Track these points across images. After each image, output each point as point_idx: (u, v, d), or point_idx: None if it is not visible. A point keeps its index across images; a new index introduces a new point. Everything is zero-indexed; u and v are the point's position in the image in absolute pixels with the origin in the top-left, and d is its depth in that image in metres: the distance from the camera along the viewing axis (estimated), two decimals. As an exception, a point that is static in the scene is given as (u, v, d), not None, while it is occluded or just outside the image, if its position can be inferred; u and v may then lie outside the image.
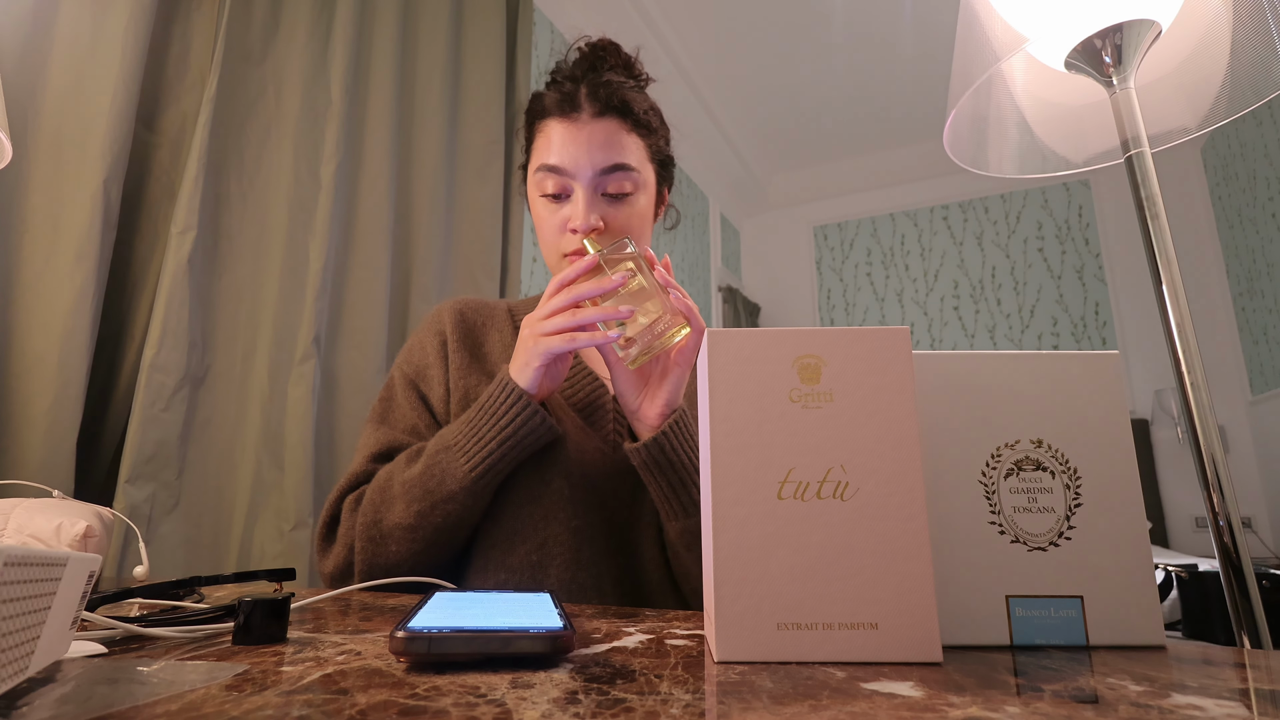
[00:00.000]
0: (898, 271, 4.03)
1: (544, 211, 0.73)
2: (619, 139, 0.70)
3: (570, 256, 0.71)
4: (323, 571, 0.68)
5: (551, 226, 0.72)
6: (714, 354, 0.34)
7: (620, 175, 0.70)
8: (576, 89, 0.71)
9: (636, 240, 0.72)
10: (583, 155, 0.69)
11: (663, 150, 0.77)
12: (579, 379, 0.75)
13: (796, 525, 0.32)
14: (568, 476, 0.66)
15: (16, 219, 0.96)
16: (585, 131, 0.70)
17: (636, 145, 0.72)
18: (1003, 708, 0.24)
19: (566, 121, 0.71)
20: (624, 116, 0.71)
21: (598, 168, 0.69)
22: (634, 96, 0.73)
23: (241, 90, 1.25)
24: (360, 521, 0.64)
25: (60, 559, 0.25)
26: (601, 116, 0.70)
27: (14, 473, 0.90)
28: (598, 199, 0.70)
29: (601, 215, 0.70)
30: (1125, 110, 0.66)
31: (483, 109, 1.73)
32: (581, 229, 0.69)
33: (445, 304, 0.80)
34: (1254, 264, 2.96)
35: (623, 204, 0.71)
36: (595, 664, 0.31)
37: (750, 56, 3.11)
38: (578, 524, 0.66)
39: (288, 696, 0.25)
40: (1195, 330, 0.60)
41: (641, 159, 0.73)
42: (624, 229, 0.71)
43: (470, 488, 0.61)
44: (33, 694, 0.25)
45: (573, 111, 0.71)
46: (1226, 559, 0.56)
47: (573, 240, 0.70)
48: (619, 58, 0.77)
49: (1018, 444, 0.37)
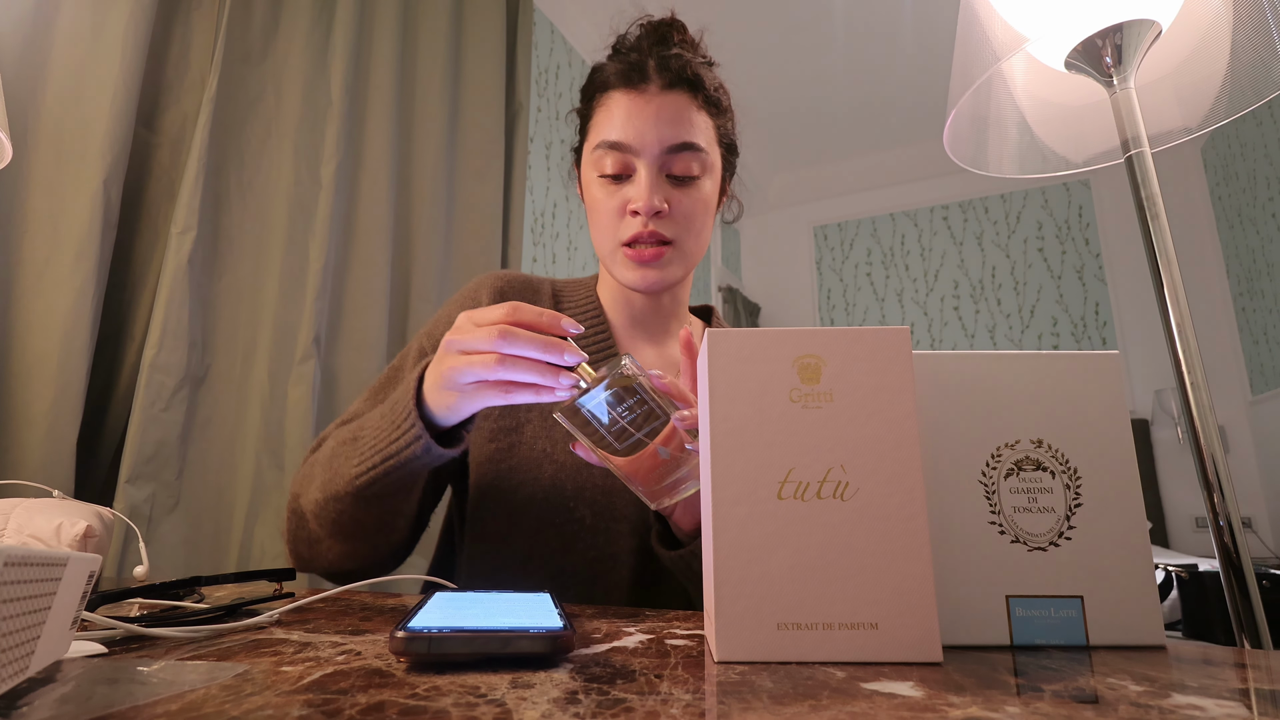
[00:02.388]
0: (898, 271, 4.03)
1: (600, 193, 0.66)
2: (689, 115, 0.64)
3: (625, 248, 0.64)
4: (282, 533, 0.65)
5: (609, 210, 0.65)
6: (714, 354, 0.34)
7: (688, 155, 0.64)
8: (644, 59, 0.65)
9: (699, 231, 0.66)
10: (649, 130, 0.63)
11: (730, 134, 0.70)
12: None
13: (796, 525, 0.32)
14: (592, 505, 0.63)
15: (16, 219, 0.96)
16: (654, 105, 0.63)
17: (706, 124, 0.66)
18: (1003, 708, 0.24)
19: (633, 93, 0.64)
20: (695, 91, 0.65)
21: (665, 144, 0.63)
22: (705, 72, 0.66)
23: (241, 90, 1.25)
24: (290, 491, 0.62)
25: (60, 559, 0.25)
26: (671, 89, 0.64)
27: (14, 473, 0.90)
28: (662, 180, 0.64)
29: (666, 198, 0.64)
30: (1125, 110, 0.66)
31: (483, 109, 1.73)
32: (644, 209, 0.63)
33: (486, 278, 0.74)
34: (1254, 264, 2.96)
35: (689, 188, 0.65)
36: (595, 664, 0.31)
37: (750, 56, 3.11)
38: (595, 555, 0.63)
39: (288, 696, 0.25)
40: (1195, 330, 0.60)
41: (710, 140, 0.66)
42: (689, 216, 0.65)
43: (355, 494, 0.54)
44: (33, 694, 0.25)
45: (641, 82, 0.64)
46: (1226, 559, 0.56)
47: (633, 225, 0.64)
48: (685, 35, 0.70)
49: (1018, 444, 0.37)
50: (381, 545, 0.60)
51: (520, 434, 0.66)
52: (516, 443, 0.66)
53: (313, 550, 0.60)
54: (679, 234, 0.65)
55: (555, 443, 0.65)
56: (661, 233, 0.64)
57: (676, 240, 0.65)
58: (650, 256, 0.65)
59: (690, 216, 0.65)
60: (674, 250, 0.66)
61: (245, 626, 0.39)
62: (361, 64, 1.47)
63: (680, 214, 0.64)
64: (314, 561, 0.61)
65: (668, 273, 0.66)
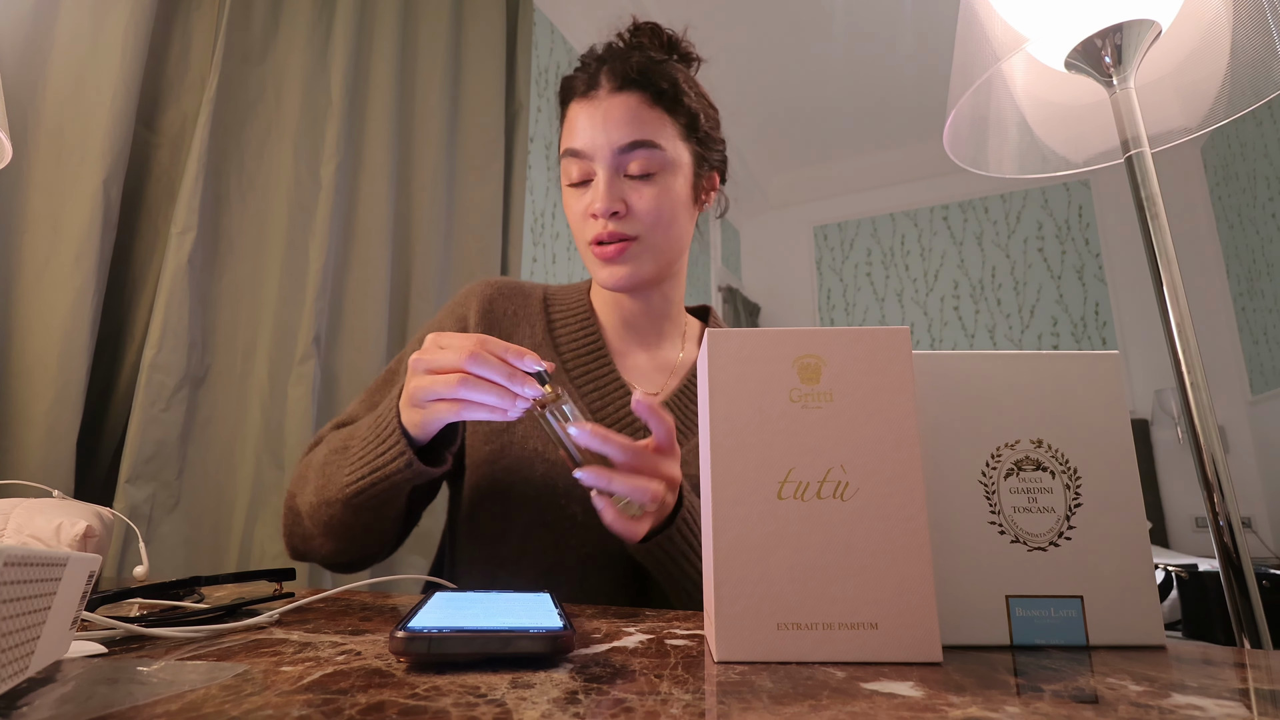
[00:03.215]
0: (898, 271, 4.03)
1: (571, 200, 0.68)
2: (639, 114, 0.65)
3: (593, 246, 0.66)
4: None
5: (576, 214, 0.67)
6: (714, 354, 0.34)
7: (643, 153, 0.64)
8: (599, 68, 0.67)
9: (667, 226, 0.66)
10: (600, 134, 0.64)
11: (701, 128, 0.69)
12: (608, 390, 0.70)
13: (796, 525, 0.32)
14: (584, 502, 0.63)
15: (16, 219, 0.96)
16: (602, 108, 0.65)
17: (662, 120, 0.66)
18: (1003, 708, 0.24)
19: (585, 101, 0.66)
20: (644, 89, 0.65)
21: (615, 145, 0.64)
22: (659, 69, 0.66)
23: (241, 90, 1.25)
24: (288, 489, 0.65)
25: (60, 559, 0.25)
26: (619, 91, 0.65)
27: (14, 473, 0.90)
28: (619, 180, 0.65)
29: (624, 197, 0.65)
30: (1125, 110, 0.66)
31: (483, 109, 1.73)
32: (600, 212, 0.64)
33: (475, 286, 0.75)
34: (1254, 264, 2.96)
35: (647, 184, 0.65)
36: (595, 664, 0.31)
37: (750, 56, 3.11)
38: (587, 551, 0.63)
39: (288, 696, 0.25)
40: (1195, 330, 0.60)
41: (670, 136, 0.66)
42: (650, 213, 0.65)
43: (345, 501, 0.56)
44: (33, 694, 0.25)
45: (591, 90, 0.66)
46: (1226, 559, 0.56)
47: (594, 226, 0.65)
48: (658, 39, 0.71)
49: (1018, 444, 0.37)
50: (371, 544, 0.63)
51: (512, 433, 0.67)
52: (509, 442, 0.67)
53: (307, 545, 0.63)
54: (642, 230, 0.66)
55: (546, 441, 0.66)
56: (621, 231, 0.65)
57: (640, 236, 0.66)
58: (613, 253, 0.65)
59: (652, 212, 0.65)
60: (638, 245, 0.66)
61: (245, 626, 0.39)
62: (361, 64, 1.47)
63: (640, 211, 0.65)
64: (308, 555, 0.65)
65: (636, 267, 0.67)
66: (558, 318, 0.74)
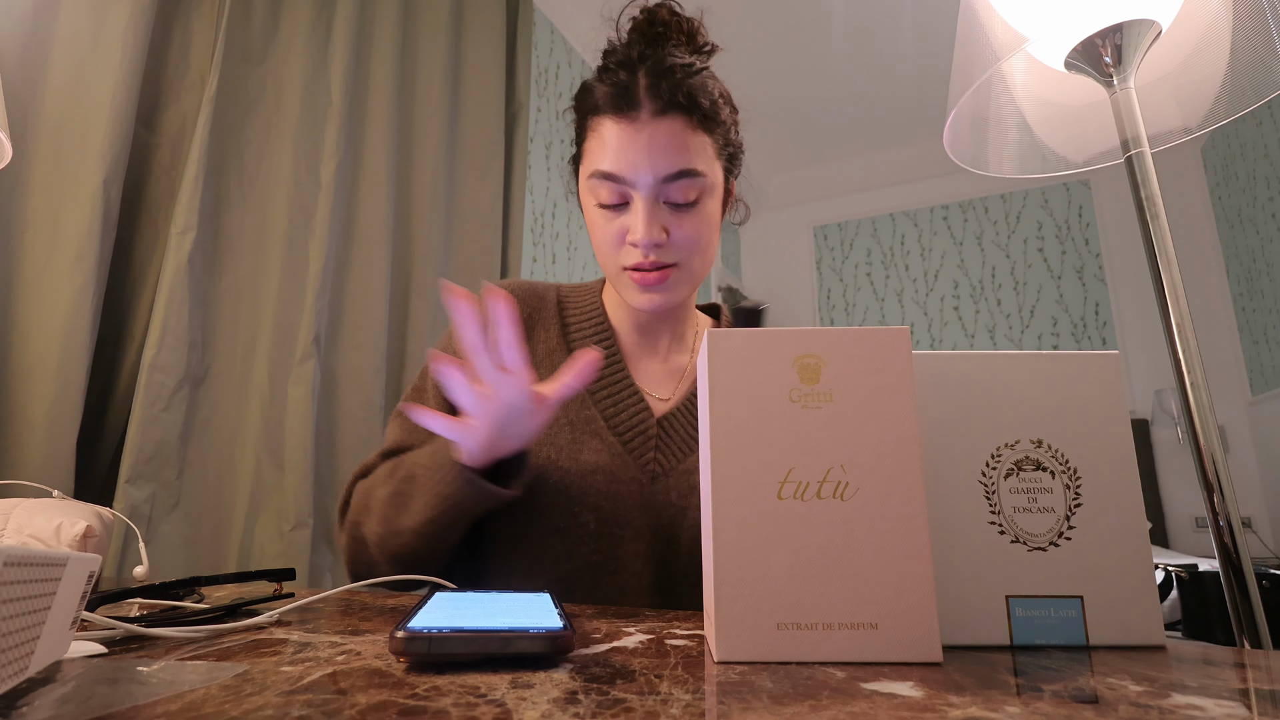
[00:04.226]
0: (898, 271, 4.03)
1: (599, 219, 0.65)
2: (684, 140, 0.61)
3: (630, 271, 0.64)
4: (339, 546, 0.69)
5: (608, 236, 0.64)
6: (714, 354, 0.34)
7: (686, 182, 0.62)
8: (634, 79, 0.61)
9: (704, 250, 0.65)
10: (643, 161, 0.61)
11: (732, 141, 0.67)
12: (623, 397, 0.68)
13: (796, 525, 0.32)
14: (597, 510, 0.63)
15: (16, 219, 0.96)
16: (645, 134, 0.61)
17: (703, 144, 0.63)
18: (1003, 708, 0.24)
19: (624, 121, 0.61)
20: (690, 113, 0.61)
21: (660, 175, 0.61)
22: (700, 85, 0.63)
23: (241, 90, 1.25)
24: (349, 519, 0.65)
25: (60, 559, 0.25)
26: (664, 115, 0.61)
27: (14, 473, 0.90)
28: (659, 208, 0.63)
29: (665, 225, 0.63)
30: (1125, 110, 0.66)
31: (483, 109, 1.73)
32: (642, 244, 0.62)
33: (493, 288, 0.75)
34: (1254, 264, 2.96)
35: (689, 213, 0.63)
36: (595, 664, 0.31)
37: (750, 56, 3.11)
38: (599, 559, 0.63)
39: (288, 696, 0.25)
40: (1195, 330, 0.60)
41: (709, 158, 0.64)
42: (691, 240, 0.64)
43: (420, 531, 0.57)
44: (33, 694, 0.25)
45: (631, 110, 0.61)
46: (1226, 559, 0.56)
47: (633, 254, 0.63)
48: (681, 31, 0.67)
49: (1018, 444, 0.37)
50: (431, 566, 0.63)
51: None
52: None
53: (370, 571, 0.64)
54: (683, 257, 0.64)
55: (559, 449, 0.66)
56: (662, 260, 0.64)
57: (681, 263, 0.65)
58: (655, 280, 0.64)
59: (693, 239, 0.64)
60: (679, 271, 0.65)
61: (245, 626, 0.39)
62: (361, 64, 1.47)
63: (682, 239, 0.63)
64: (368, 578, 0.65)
65: (674, 294, 0.66)
66: (572, 322, 0.74)
